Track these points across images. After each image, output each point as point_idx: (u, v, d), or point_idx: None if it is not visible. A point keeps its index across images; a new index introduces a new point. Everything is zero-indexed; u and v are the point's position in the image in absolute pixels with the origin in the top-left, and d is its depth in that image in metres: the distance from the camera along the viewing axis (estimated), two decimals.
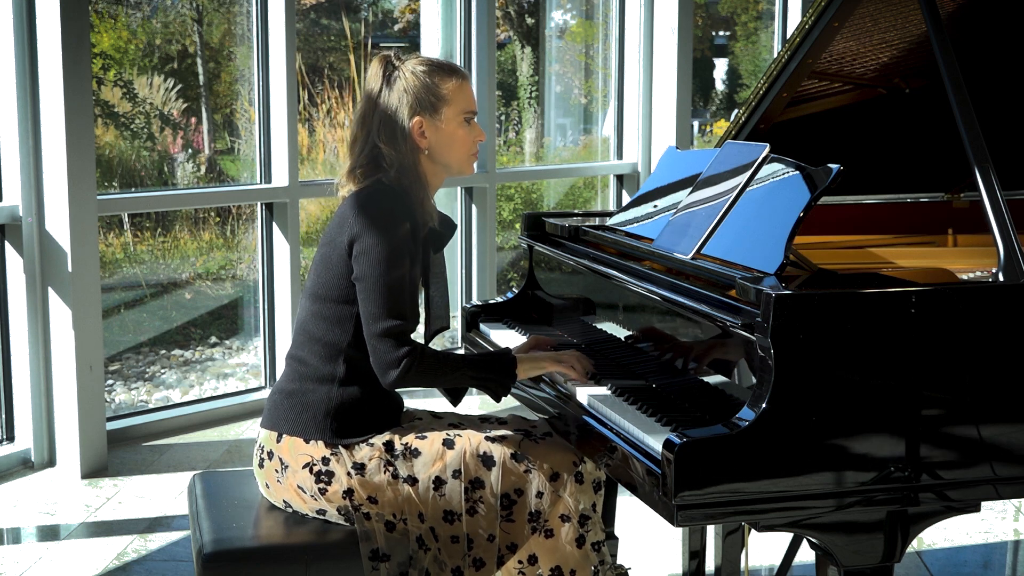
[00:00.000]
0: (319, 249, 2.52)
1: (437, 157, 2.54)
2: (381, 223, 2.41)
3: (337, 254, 2.46)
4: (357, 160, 2.53)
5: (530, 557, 2.43)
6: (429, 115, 2.51)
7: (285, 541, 2.41)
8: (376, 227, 2.40)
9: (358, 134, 2.54)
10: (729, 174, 2.57)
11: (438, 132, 2.52)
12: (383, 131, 2.50)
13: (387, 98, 2.51)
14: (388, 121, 2.50)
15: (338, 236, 2.46)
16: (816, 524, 2.09)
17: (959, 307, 2.12)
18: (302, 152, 6.47)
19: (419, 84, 2.50)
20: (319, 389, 2.46)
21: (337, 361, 2.46)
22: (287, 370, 2.54)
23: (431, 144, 2.52)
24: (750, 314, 2.09)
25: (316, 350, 2.48)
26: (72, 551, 3.69)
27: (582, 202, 7.79)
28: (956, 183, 3.38)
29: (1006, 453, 2.15)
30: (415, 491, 2.39)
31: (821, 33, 2.92)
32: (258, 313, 5.44)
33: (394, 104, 2.50)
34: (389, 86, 2.51)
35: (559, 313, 3.14)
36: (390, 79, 2.52)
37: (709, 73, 14.77)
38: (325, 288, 2.47)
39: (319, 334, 2.48)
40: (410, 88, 2.50)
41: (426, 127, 2.51)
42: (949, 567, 3.56)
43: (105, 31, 5.76)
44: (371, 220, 2.41)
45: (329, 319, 2.47)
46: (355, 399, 2.46)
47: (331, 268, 2.46)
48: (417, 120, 2.50)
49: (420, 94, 2.50)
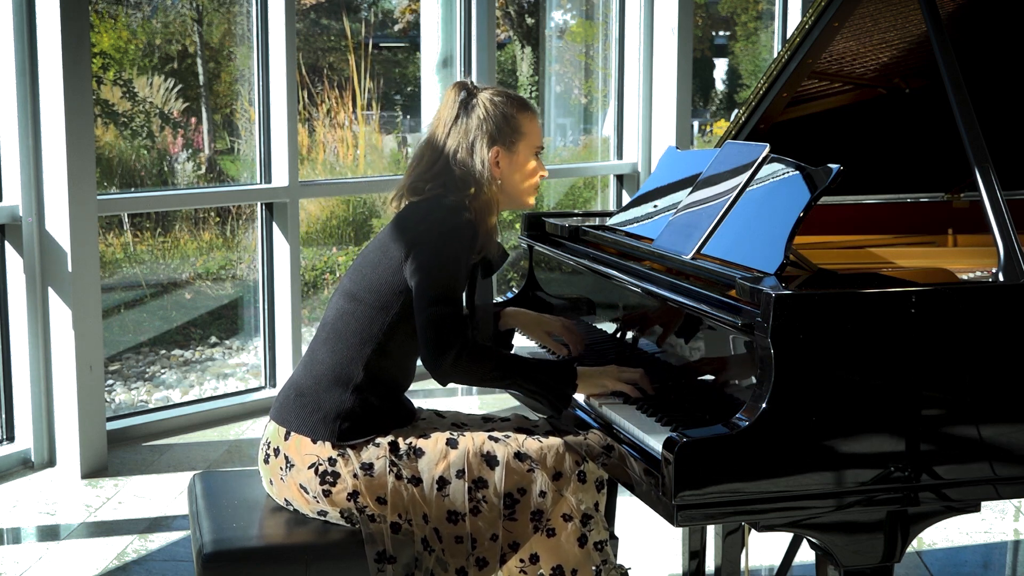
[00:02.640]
0: (367, 254, 2.54)
1: (507, 188, 2.59)
2: (443, 231, 2.44)
3: (388, 260, 2.47)
4: (423, 177, 2.56)
5: (532, 556, 2.43)
6: (506, 147, 2.56)
7: (285, 541, 2.41)
8: (438, 235, 2.44)
9: (425, 153, 2.58)
10: (729, 174, 2.57)
11: (512, 164, 2.58)
12: (460, 157, 2.54)
13: (465, 124, 2.55)
14: (466, 147, 2.54)
15: (394, 244, 2.48)
16: (816, 524, 2.09)
17: (959, 307, 2.12)
18: (302, 152, 6.47)
19: (498, 114, 2.55)
20: (333, 391, 2.46)
21: (357, 365, 2.46)
22: (305, 364, 2.55)
23: (504, 175, 2.57)
24: (750, 314, 2.09)
25: (339, 350, 2.48)
26: (72, 551, 3.69)
27: (582, 202, 7.79)
28: (956, 183, 3.38)
29: (1006, 453, 2.16)
30: (419, 492, 2.40)
31: (821, 33, 2.92)
32: (258, 313, 5.44)
33: (472, 131, 2.54)
34: (467, 113, 2.56)
35: (559, 313, 3.14)
36: (467, 106, 2.56)
37: (709, 73, 14.77)
38: (365, 291, 2.48)
39: (346, 335, 2.48)
40: (489, 117, 2.55)
41: (501, 158, 2.56)
42: (949, 567, 3.56)
43: (105, 31, 5.76)
44: (434, 228, 2.45)
45: (360, 322, 2.47)
46: (368, 406, 2.46)
47: (378, 272, 2.48)
48: (495, 150, 2.55)
49: (500, 124, 2.55)
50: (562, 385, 2.48)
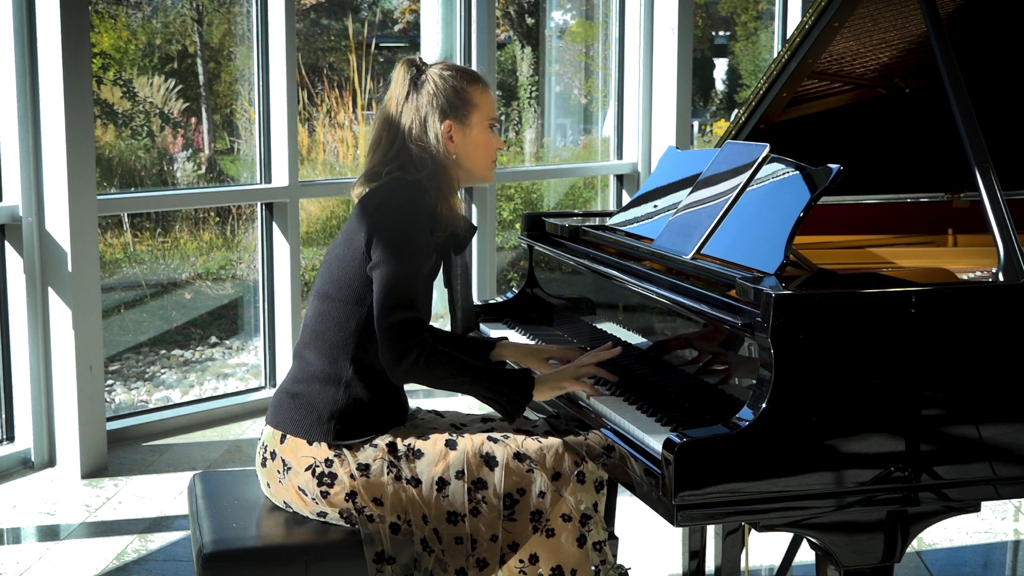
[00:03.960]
0: (333, 249, 2.52)
1: (464, 162, 2.56)
2: (402, 217, 2.41)
3: (353, 252, 2.45)
4: (383, 161, 2.54)
5: (531, 556, 2.43)
6: (459, 120, 2.53)
7: (285, 541, 2.41)
8: (397, 220, 2.41)
9: (383, 136, 2.55)
10: (729, 174, 2.57)
11: (466, 137, 2.55)
12: (413, 134, 2.52)
13: (416, 101, 2.52)
14: (418, 124, 2.52)
15: (356, 233, 2.45)
16: (816, 524, 2.09)
17: (959, 307, 2.12)
18: (302, 152, 6.47)
19: (448, 88, 2.52)
20: (325, 391, 2.46)
21: (344, 363, 2.46)
22: (294, 367, 2.54)
23: (459, 149, 2.55)
24: (750, 314, 2.09)
25: (324, 350, 2.48)
26: (72, 551, 3.69)
27: (582, 202, 7.79)
28: (956, 183, 3.38)
29: (1006, 453, 2.16)
30: (419, 493, 2.39)
31: (821, 33, 2.92)
32: (258, 313, 5.44)
33: (424, 107, 2.51)
34: (417, 90, 2.53)
35: (559, 313, 3.14)
36: (417, 82, 2.53)
37: (709, 73, 14.77)
38: (336, 287, 2.47)
39: (327, 334, 2.47)
40: (439, 92, 2.52)
41: (455, 132, 2.53)
42: (949, 567, 3.56)
43: (105, 31, 5.76)
44: (392, 213, 2.42)
45: (338, 319, 2.46)
46: (361, 402, 2.45)
47: (345, 267, 2.46)
48: (447, 124, 2.52)
49: (450, 98, 2.52)
50: (517, 394, 2.45)
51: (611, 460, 2.35)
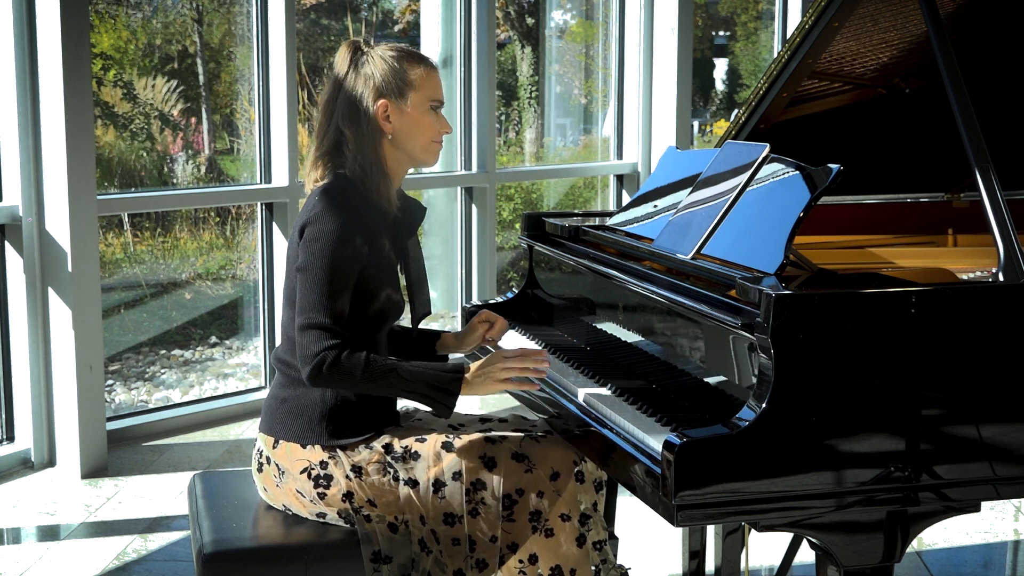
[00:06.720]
0: (288, 252, 2.49)
1: (400, 143, 2.49)
2: (328, 217, 2.37)
3: (293, 253, 2.44)
4: (320, 146, 2.50)
5: (531, 556, 2.42)
6: (395, 99, 2.47)
7: (285, 541, 2.41)
8: (323, 221, 2.36)
9: (323, 120, 2.51)
10: (729, 174, 2.57)
11: (403, 117, 2.48)
12: (346, 114, 2.46)
13: (352, 81, 2.47)
14: (352, 104, 2.46)
15: (292, 239, 2.44)
16: (816, 524, 2.09)
17: (959, 307, 2.12)
18: (302, 152, 6.46)
19: (387, 68, 2.47)
20: (311, 393, 2.44)
21: None
22: (277, 374, 2.53)
23: (395, 129, 2.48)
24: (750, 314, 2.09)
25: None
26: (72, 551, 3.69)
27: (582, 202, 7.79)
28: (956, 183, 3.38)
29: (1006, 453, 2.15)
30: (416, 493, 2.39)
31: (821, 33, 2.92)
32: (258, 313, 5.44)
33: (359, 87, 2.46)
34: (356, 70, 2.47)
35: (559, 313, 3.14)
36: (357, 63, 2.48)
37: (709, 73, 14.77)
38: (295, 291, 2.43)
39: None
40: (377, 72, 2.46)
41: (391, 111, 2.47)
42: (949, 567, 3.56)
43: (105, 31, 5.76)
44: (320, 214, 2.37)
45: None
46: (348, 400, 2.45)
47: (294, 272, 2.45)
48: (382, 103, 2.46)
49: (387, 77, 2.46)
50: (442, 396, 2.39)
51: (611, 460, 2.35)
